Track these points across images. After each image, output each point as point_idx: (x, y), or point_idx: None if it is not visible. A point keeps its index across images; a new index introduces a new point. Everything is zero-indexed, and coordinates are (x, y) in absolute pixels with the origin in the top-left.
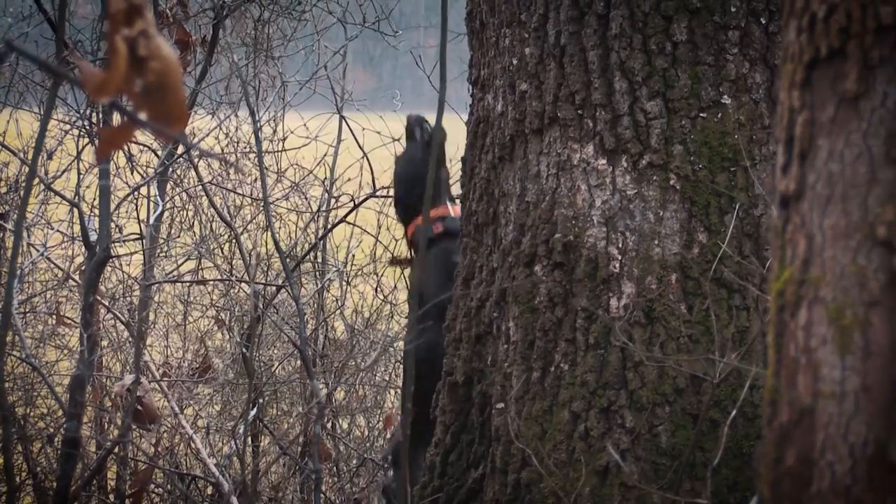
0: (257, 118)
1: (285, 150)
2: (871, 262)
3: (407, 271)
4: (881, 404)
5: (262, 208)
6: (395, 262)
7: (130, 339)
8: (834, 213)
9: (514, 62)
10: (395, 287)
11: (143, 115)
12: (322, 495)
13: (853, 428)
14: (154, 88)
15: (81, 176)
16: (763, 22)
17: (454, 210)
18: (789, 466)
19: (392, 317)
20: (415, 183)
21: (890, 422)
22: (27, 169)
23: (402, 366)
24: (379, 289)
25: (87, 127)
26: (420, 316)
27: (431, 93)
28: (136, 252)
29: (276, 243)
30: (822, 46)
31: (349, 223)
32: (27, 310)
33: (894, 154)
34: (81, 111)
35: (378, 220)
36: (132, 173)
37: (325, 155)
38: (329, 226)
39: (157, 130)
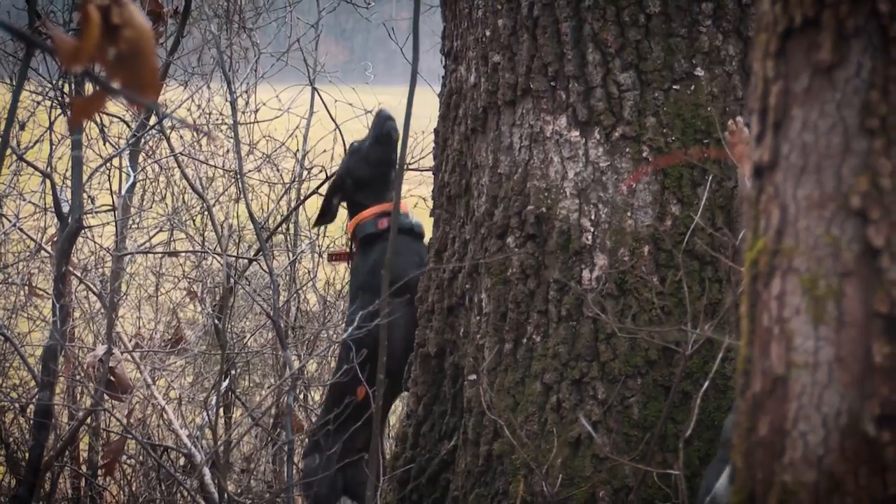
0: (232, 89)
1: (258, 122)
2: (845, 232)
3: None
4: (854, 375)
5: (234, 180)
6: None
7: (103, 309)
8: (808, 183)
9: (487, 33)
10: None
11: (115, 84)
12: (294, 466)
13: (826, 398)
14: (127, 57)
15: (54, 147)
16: None
17: (402, 207)
18: (762, 437)
19: None
20: (361, 182)
21: (863, 392)
22: None
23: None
24: (351, 261)
25: (60, 98)
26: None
27: (404, 65)
28: (108, 223)
29: (250, 214)
30: (796, 16)
31: (321, 195)
32: None
33: (868, 124)
34: (54, 82)
35: None
36: (104, 144)
37: (297, 127)
38: (301, 197)
39: (129, 98)
